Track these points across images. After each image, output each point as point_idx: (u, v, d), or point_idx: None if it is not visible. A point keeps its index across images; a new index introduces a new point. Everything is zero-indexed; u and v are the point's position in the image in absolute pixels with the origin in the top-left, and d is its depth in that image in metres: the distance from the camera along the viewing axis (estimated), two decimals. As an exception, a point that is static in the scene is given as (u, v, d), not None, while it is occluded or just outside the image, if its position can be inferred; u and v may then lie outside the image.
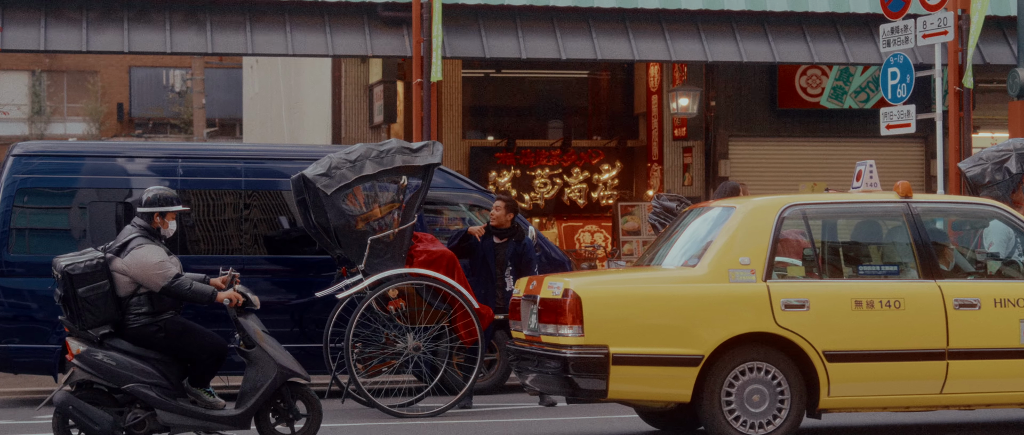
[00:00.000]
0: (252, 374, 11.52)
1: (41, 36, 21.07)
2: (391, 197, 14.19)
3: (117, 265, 11.36)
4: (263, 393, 11.45)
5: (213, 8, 21.65)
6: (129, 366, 11.23)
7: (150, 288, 11.33)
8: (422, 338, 14.17)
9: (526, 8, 22.22)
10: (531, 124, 28.76)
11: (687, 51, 22.63)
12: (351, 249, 14.05)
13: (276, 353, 11.59)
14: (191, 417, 11.36)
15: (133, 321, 11.35)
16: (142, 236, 11.47)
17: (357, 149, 14.12)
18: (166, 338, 11.40)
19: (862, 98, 26.77)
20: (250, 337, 11.54)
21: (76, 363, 11.20)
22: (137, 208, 11.73)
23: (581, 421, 13.63)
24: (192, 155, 16.33)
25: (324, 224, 14.09)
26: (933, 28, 20.21)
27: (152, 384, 11.25)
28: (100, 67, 58.93)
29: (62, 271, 11.23)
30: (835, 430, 12.92)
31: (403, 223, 14.12)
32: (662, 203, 15.14)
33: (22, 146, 16.04)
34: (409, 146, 14.24)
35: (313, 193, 13.96)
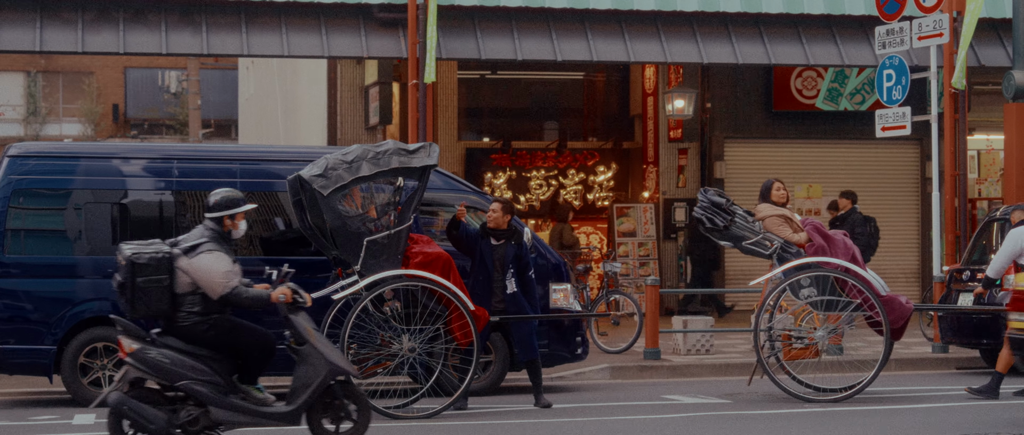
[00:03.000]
0: (303, 371, 11.57)
1: (36, 37, 21.06)
2: (387, 198, 14.19)
3: (182, 264, 11.43)
4: (313, 390, 11.50)
5: (209, 9, 21.65)
6: (182, 363, 11.29)
7: (209, 293, 11.41)
8: (417, 340, 14.17)
9: (522, 9, 22.22)
10: (527, 125, 28.76)
11: (683, 53, 22.63)
12: (347, 250, 14.05)
13: (326, 350, 11.67)
14: (243, 413, 11.41)
15: (185, 318, 11.42)
16: (213, 240, 11.55)
17: (354, 150, 14.12)
18: (216, 335, 11.47)
19: (858, 100, 26.79)
20: (301, 334, 11.61)
21: (130, 361, 11.26)
22: (206, 212, 11.79)
23: (578, 422, 13.63)
24: (187, 156, 16.33)
25: (320, 225, 14.09)
26: (928, 30, 20.24)
27: (205, 381, 11.31)
28: (96, 68, 58.89)
29: (127, 258, 11.29)
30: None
31: (399, 224, 14.12)
32: (710, 197, 15.12)
33: (17, 147, 16.03)
34: (406, 147, 14.24)
35: (309, 194, 13.96)
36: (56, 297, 15.47)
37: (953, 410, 14.36)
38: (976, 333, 18.10)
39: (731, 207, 15.13)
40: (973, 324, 18.10)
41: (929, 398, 15.42)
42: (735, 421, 13.69)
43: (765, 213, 15.31)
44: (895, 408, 14.50)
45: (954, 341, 18.79)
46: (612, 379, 18.23)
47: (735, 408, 14.65)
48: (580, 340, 16.39)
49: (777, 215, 15.27)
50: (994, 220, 18.82)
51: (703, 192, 15.25)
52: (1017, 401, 14.96)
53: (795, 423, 13.48)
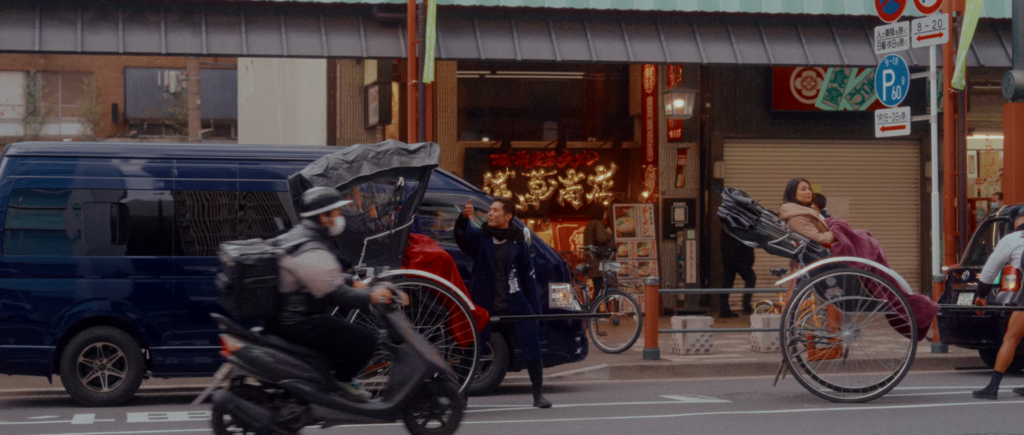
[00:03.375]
0: (400, 369, 11.71)
1: (36, 36, 21.06)
2: (388, 198, 14.18)
3: (286, 263, 11.48)
4: (411, 387, 11.64)
5: (208, 9, 21.64)
6: (285, 362, 11.38)
7: (313, 292, 11.47)
8: None
9: (521, 9, 22.22)
10: (526, 125, 28.76)
11: (682, 53, 22.63)
12: (348, 250, 14.04)
13: (423, 349, 11.79)
14: (343, 410, 11.53)
15: (288, 318, 11.48)
16: (314, 239, 11.61)
17: (354, 150, 14.12)
18: (319, 334, 11.55)
19: (857, 100, 26.79)
20: (399, 333, 11.72)
21: (234, 359, 11.35)
22: (301, 212, 11.85)
23: (578, 422, 13.63)
24: (187, 156, 16.33)
25: None
26: (928, 30, 20.24)
27: (307, 379, 11.41)
28: (95, 68, 58.89)
29: (235, 260, 11.35)
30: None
31: (400, 224, 14.11)
32: (735, 197, 15.06)
33: (17, 147, 16.03)
34: (406, 147, 14.24)
35: None
36: (55, 297, 15.47)
37: (953, 410, 14.36)
38: (975, 333, 18.10)
39: (756, 206, 15.08)
40: (972, 324, 18.09)
41: (929, 398, 15.42)
42: (735, 421, 13.69)
43: (790, 213, 15.24)
44: (895, 408, 14.50)
45: (953, 341, 18.79)
46: (611, 379, 18.23)
47: (735, 408, 14.65)
48: (579, 340, 16.39)
49: (802, 214, 15.21)
50: (993, 220, 18.82)
51: (727, 192, 15.18)
52: (1017, 401, 14.96)
53: (795, 423, 13.49)
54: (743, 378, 18.01)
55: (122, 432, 13.44)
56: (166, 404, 15.65)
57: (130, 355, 15.50)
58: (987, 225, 18.94)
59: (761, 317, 20.31)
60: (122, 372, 15.51)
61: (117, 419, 14.31)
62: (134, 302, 15.54)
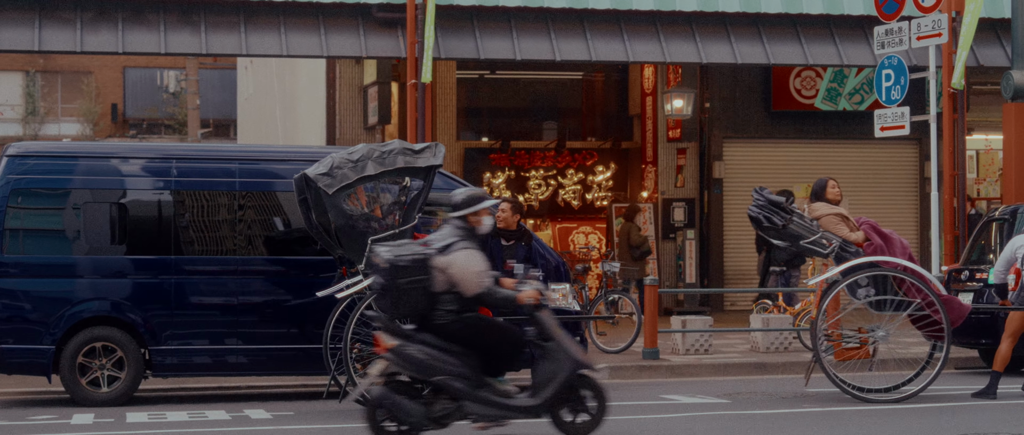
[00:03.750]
0: (547, 366, 11.88)
1: (35, 36, 21.05)
2: (393, 198, 14.18)
3: (438, 263, 11.67)
4: (559, 384, 11.82)
5: (207, 9, 21.64)
6: (438, 359, 11.61)
7: (463, 291, 11.67)
8: None
9: (520, 9, 22.21)
10: (525, 125, 28.77)
11: (681, 53, 22.63)
12: (352, 249, 14.04)
13: (570, 346, 11.97)
14: (493, 407, 11.75)
15: (441, 317, 11.69)
16: (464, 239, 11.81)
17: (359, 149, 14.12)
18: (470, 332, 11.75)
19: (856, 100, 26.79)
20: (547, 331, 11.91)
21: (389, 356, 11.58)
22: (450, 212, 12.02)
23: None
24: (186, 156, 16.32)
25: (325, 224, 14.09)
26: (927, 30, 20.23)
27: (458, 375, 11.64)
28: (94, 68, 58.89)
29: (389, 262, 11.54)
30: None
31: (404, 224, 14.11)
32: (767, 196, 14.99)
33: (16, 147, 16.03)
34: (411, 147, 14.25)
35: (314, 192, 13.96)
36: (55, 297, 15.46)
37: (952, 410, 14.36)
38: (974, 333, 18.08)
39: (789, 205, 15.03)
40: (971, 324, 18.08)
41: (928, 398, 15.40)
42: (734, 421, 13.68)
43: (821, 212, 15.18)
44: (894, 408, 14.50)
45: (952, 340, 18.76)
46: (611, 379, 18.19)
47: (734, 408, 14.65)
48: (579, 340, 16.38)
49: (834, 214, 15.16)
50: (992, 220, 18.81)
51: (758, 191, 15.11)
52: (1017, 401, 14.96)
53: (794, 423, 13.48)
54: (743, 378, 18.00)
55: (121, 432, 13.43)
56: (165, 404, 15.66)
57: (129, 355, 15.50)
58: (987, 225, 18.93)
59: (760, 317, 20.30)
60: (121, 372, 15.51)
61: (116, 419, 14.31)
62: (133, 302, 15.54)
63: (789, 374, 18.43)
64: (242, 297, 15.73)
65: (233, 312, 15.70)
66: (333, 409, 14.74)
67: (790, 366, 18.76)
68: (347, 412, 14.57)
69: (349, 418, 14.14)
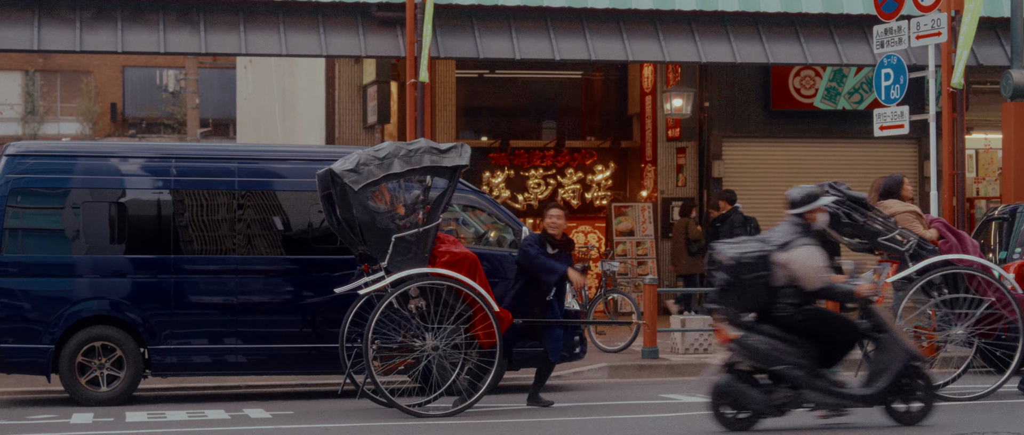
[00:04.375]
0: (881, 357, 12.51)
1: (34, 36, 21.05)
2: (417, 197, 14.20)
3: (778, 259, 12.22)
4: (893, 374, 12.43)
5: (207, 8, 21.63)
6: (779, 349, 12.23)
7: (804, 286, 12.20)
8: (440, 338, 14.17)
9: (520, 8, 22.21)
10: (525, 125, 28.76)
11: (681, 52, 22.63)
12: (375, 246, 14.07)
13: (903, 338, 12.55)
14: (830, 396, 12.36)
15: (781, 309, 12.26)
16: (803, 236, 12.38)
17: (386, 147, 14.15)
18: (809, 324, 12.31)
19: (856, 99, 26.78)
20: (882, 323, 12.51)
21: (733, 346, 12.23)
22: (788, 209, 12.52)
23: (576, 422, 13.62)
24: (186, 155, 16.32)
25: (349, 219, 14.13)
26: (927, 29, 20.22)
27: (798, 365, 12.22)
28: (94, 67, 58.88)
29: (734, 259, 12.19)
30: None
31: (427, 223, 14.14)
32: (847, 192, 14.93)
33: (15, 146, 16.03)
34: (438, 147, 14.28)
35: (339, 188, 14.01)
36: (54, 296, 15.47)
37: (951, 410, 14.34)
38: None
39: (867, 201, 15.03)
40: (970, 323, 18.06)
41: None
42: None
43: (897, 209, 15.11)
44: (893, 407, 14.48)
45: (952, 340, 18.75)
46: (610, 378, 18.22)
47: (733, 407, 14.62)
48: (578, 339, 16.38)
49: (909, 211, 15.11)
50: (992, 219, 18.81)
51: (833, 186, 15.05)
52: (1017, 401, 14.95)
53: (793, 423, 13.47)
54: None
55: (121, 431, 13.43)
56: (165, 403, 15.66)
57: (129, 354, 15.50)
58: (986, 224, 18.94)
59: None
60: (121, 371, 15.52)
61: (116, 418, 14.31)
62: (133, 301, 15.54)
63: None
64: (241, 296, 15.74)
65: (232, 311, 15.71)
66: (332, 408, 14.74)
67: (789, 365, 18.73)
68: (346, 411, 14.58)
69: (349, 418, 14.14)
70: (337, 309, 15.76)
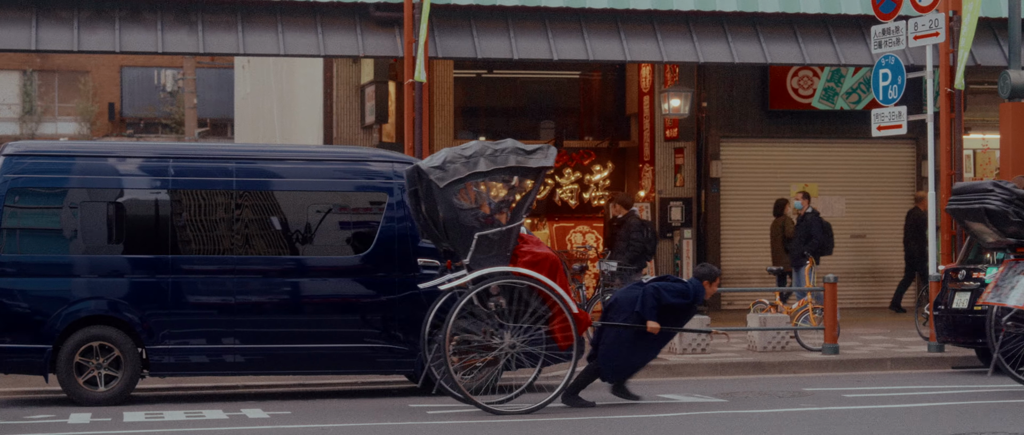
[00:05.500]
0: None
1: (32, 35, 21.04)
2: (501, 196, 14.30)
3: None
4: None
5: (205, 8, 21.63)
6: None
7: None
8: (519, 337, 14.26)
9: (518, 8, 22.21)
10: (523, 124, 28.76)
11: (679, 52, 22.63)
12: (458, 243, 14.19)
13: None
14: None
15: None
16: None
17: (472, 146, 14.29)
18: None
19: (853, 99, 26.79)
20: None
21: None
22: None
23: (575, 422, 13.62)
24: (183, 155, 16.31)
25: (433, 216, 14.24)
26: (924, 29, 20.23)
27: None
28: (91, 67, 58.86)
29: None
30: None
31: (511, 222, 14.24)
32: (1015, 191, 14.89)
33: (13, 146, 16.01)
34: (523, 148, 14.41)
35: (426, 185, 14.12)
36: (52, 296, 15.45)
37: (950, 410, 14.37)
38: (972, 333, 18.09)
39: None
40: (969, 323, 18.10)
41: (925, 397, 15.43)
42: (731, 420, 13.69)
43: None
44: (891, 408, 14.51)
45: (950, 340, 18.79)
46: (608, 378, 18.20)
47: (731, 407, 14.65)
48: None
49: None
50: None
51: (997, 183, 14.93)
52: (1017, 401, 14.96)
53: (792, 422, 13.49)
54: (740, 377, 18.01)
55: (118, 431, 13.43)
56: (163, 403, 15.65)
57: (127, 354, 15.49)
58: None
59: (758, 316, 20.31)
60: (118, 371, 15.50)
61: (113, 418, 14.31)
62: (131, 301, 15.53)
63: (786, 373, 18.45)
64: (239, 296, 15.73)
65: (230, 311, 15.70)
66: (330, 409, 14.74)
67: (787, 365, 18.77)
68: (344, 411, 14.58)
69: (347, 418, 14.14)
70: (335, 309, 15.79)
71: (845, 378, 16.04)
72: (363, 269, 15.91)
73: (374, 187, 16.19)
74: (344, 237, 16.12)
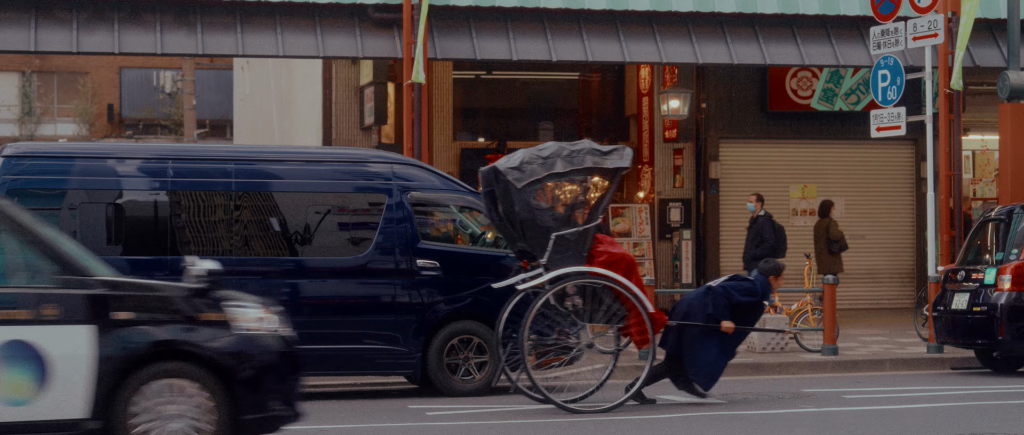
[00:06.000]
0: None
1: (31, 37, 21.04)
2: (577, 197, 14.43)
3: None
4: None
5: (204, 9, 21.63)
6: None
7: None
8: (594, 336, 14.40)
9: (517, 10, 22.21)
10: (522, 125, 28.75)
11: (678, 53, 22.63)
12: (535, 243, 14.30)
13: None
14: None
15: None
16: None
17: (549, 147, 14.43)
18: None
19: (852, 100, 26.80)
20: None
21: None
22: None
23: (574, 422, 13.62)
24: (183, 156, 16.31)
25: (510, 216, 14.35)
26: (923, 30, 20.23)
27: None
28: (90, 68, 58.86)
29: None
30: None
31: (587, 223, 14.34)
32: None
33: (12, 147, 16.01)
34: (599, 148, 14.56)
35: (503, 185, 14.23)
36: (51, 297, 15.42)
37: (949, 410, 14.37)
38: (971, 333, 18.10)
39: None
40: (968, 324, 18.10)
41: (925, 398, 15.43)
42: (730, 421, 13.69)
43: None
44: (891, 408, 14.51)
45: (949, 341, 18.79)
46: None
47: (730, 408, 14.65)
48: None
49: None
50: (988, 220, 18.82)
51: None
52: (1017, 401, 14.96)
53: (791, 423, 13.49)
54: (739, 378, 18.00)
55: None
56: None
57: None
58: (982, 226, 18.95)
59: (757, 317, 20.27)
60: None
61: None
62: (129, 302, 15.49)
63: (785, 375, 18.45)
64: (238, 297, 15.71)
65: (229, 312, 15.67)
66: (328, 409, 14.72)
67: (786, 366, 18.77)
68: (341, 412, 14.56)
69: (344, 418, 14.13)
70: (334, 310, 15.79)
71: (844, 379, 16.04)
72: (362, 270, 15.91)
73: (373, 188, 16.19)
74: (343, 238, 16.12)
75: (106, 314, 9.89)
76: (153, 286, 10.43)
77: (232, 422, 10.06)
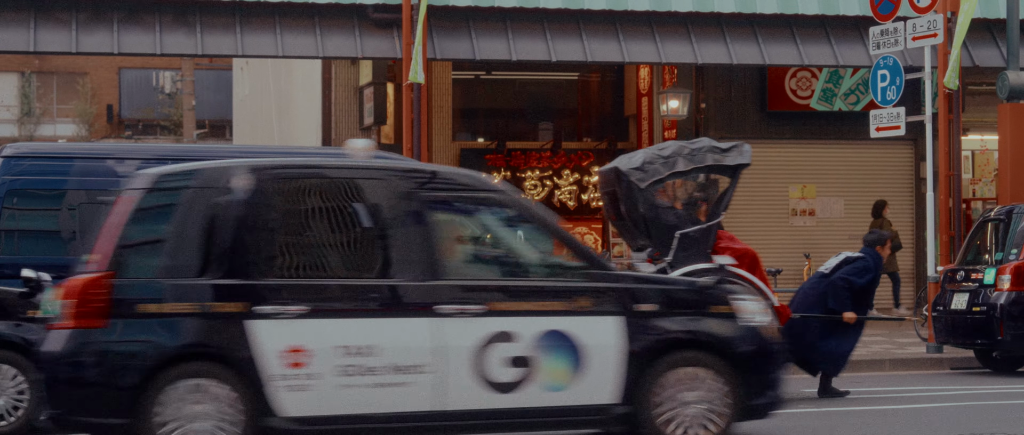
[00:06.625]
0: None
1: (30, 37, 21.04)
2: (699, 194, 14.63)
3: None
4: None
5: (203, 9, 21.62)
6: None
7: None
8: None
9: (516, 10, 22.21)
10: (521, 126, 28.76)
11: (677, 53, 22.63)
12: (659, 241, 14.42)
13: None
14: None
15: None
16: None
17: (669, 146, 14.59)
18: None
19: (852, 100, 26.79)
20: None
21: None
22: None
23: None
24: (182, 156, 16.27)
25: (634, 216, 14.45)
26: (923, 30, 20.24)
27: None
28: (90, 68, 58.85)
29: None
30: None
31: (710, 220, 14.47)
32: None
33: (11, 147, 15.99)
34: (719, 146, 14.75)
35: (626, 186, 14.35)
36: (50, 298, 15.43)
37: (949, 410, 14.37)
38: (971, 333, 18.10)
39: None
40: (968, 324, 18.10)
41: (924, 398, 15.43)
42: (730, 421, 13.66)
43: None
44: (890, 408, 14.50)
45: (948, 341, 18.79)
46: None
47: (730, 408, 14.62)
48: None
49: None
50: (988, 220, 18.82)
51: None
52: (1017, 401, 14.96)
53: (790, 423, 13.48)
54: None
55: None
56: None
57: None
58: (982, 226, 18.95)
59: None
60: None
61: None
62: (129, 303, 15.49)
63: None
64: (238, 298, 15.70)
65: (229, 313, 15.67)
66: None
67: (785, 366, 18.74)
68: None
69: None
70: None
71: (844, 379, 16.00)
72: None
73: (373, 188, 16.15)
74: (343, 238, 16.07)
75: (632, 306, 10.56)
76: (670, 280, 11.43)
77: (743, 407, 10.85)
